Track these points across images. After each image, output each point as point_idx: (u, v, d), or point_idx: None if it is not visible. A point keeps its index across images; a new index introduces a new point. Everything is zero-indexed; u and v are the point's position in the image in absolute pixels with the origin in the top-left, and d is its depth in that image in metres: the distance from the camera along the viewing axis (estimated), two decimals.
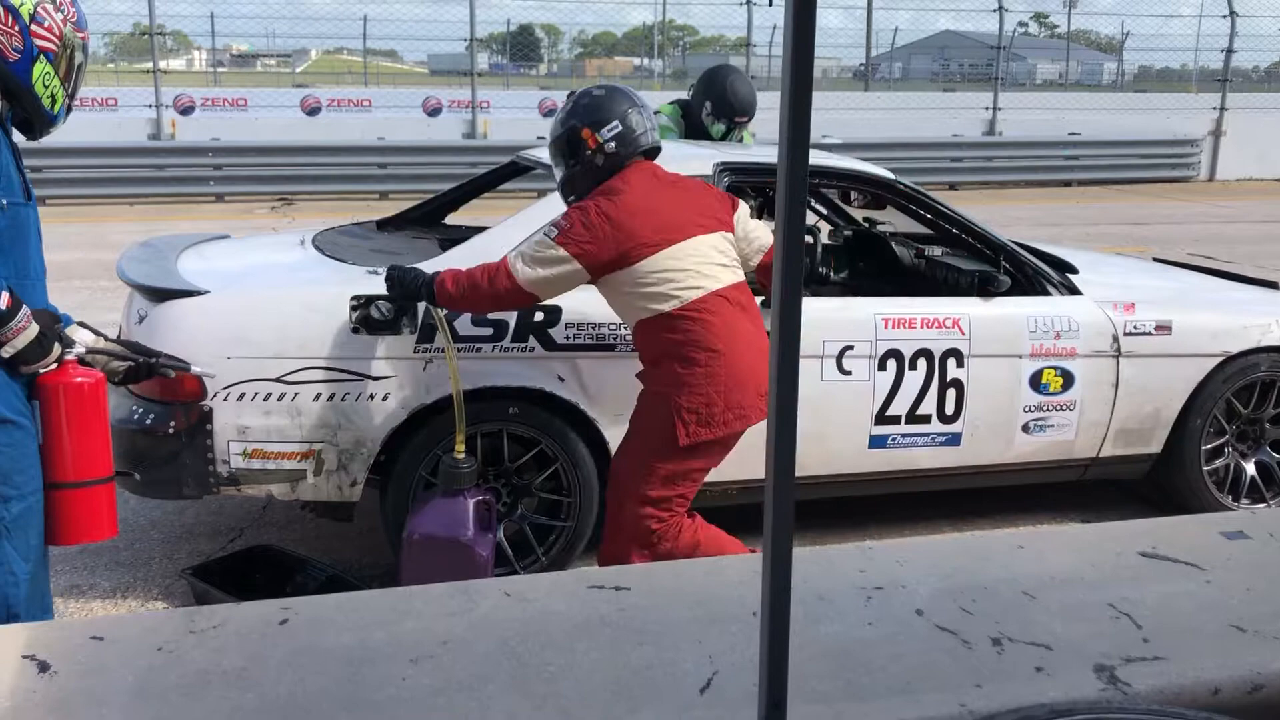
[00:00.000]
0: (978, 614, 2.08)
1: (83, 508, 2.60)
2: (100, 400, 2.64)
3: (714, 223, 3.30)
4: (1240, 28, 18.32)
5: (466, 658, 1.85)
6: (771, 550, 1.55)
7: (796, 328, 1.51)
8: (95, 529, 2.66)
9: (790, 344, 1.47)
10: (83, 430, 2.57)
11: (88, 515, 2.61)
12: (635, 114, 3.27)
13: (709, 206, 3.33)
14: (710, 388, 3.15)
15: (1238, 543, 2.44)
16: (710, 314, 3.16)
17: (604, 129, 3.21)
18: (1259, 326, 4.35)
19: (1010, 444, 4.16)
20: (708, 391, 3.15)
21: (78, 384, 2.59)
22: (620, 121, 3.22)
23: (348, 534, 4.13)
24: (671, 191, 3.28)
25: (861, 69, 30.31)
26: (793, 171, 1.49)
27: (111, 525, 2.67)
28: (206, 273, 3.79)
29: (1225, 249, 10.77)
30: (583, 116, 3.24)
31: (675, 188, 3.31)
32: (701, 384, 3.15)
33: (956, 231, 4.29)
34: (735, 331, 3.19)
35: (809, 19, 1.41)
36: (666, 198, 3.24)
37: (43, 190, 13.58)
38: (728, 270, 3.27)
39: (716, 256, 3.25)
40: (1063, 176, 17.14)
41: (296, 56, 39.42)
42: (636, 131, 3.25)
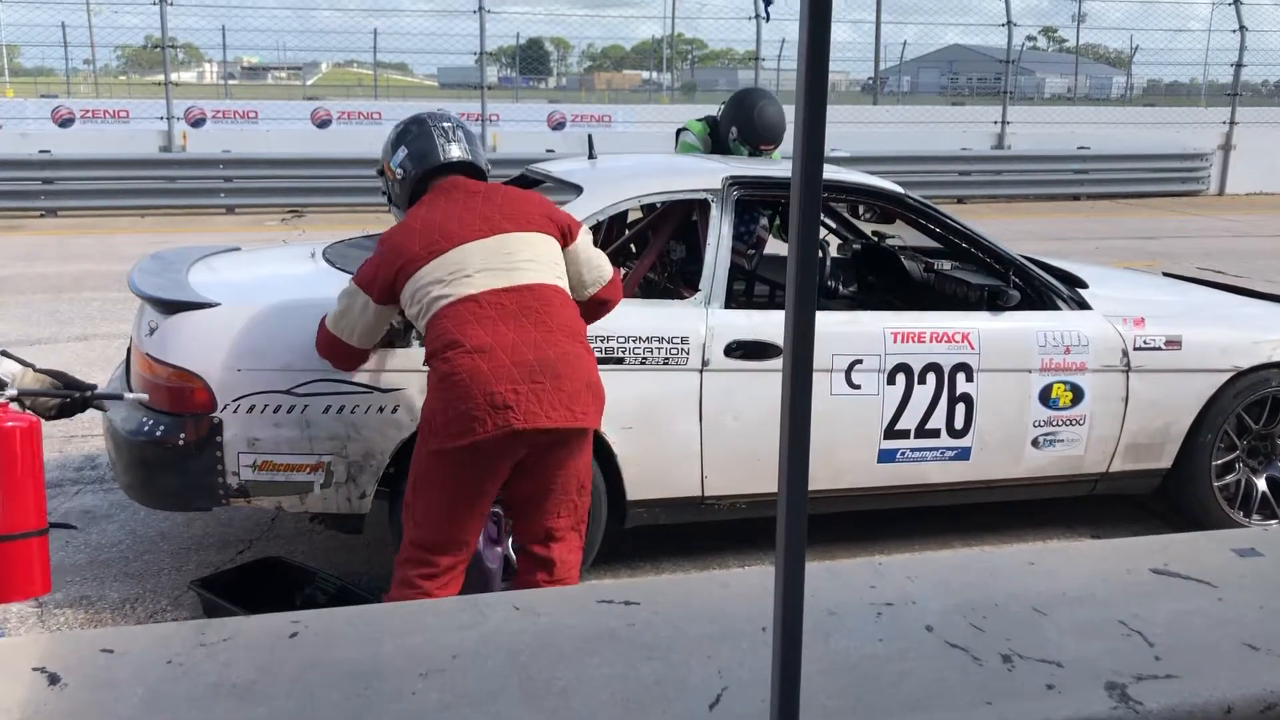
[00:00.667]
0: (988, 631, 2.07)
1: (13, 563, 2.40)
2: (34, 446, 2.44)
3: (513, 225, 3.12)
4: (1250, 42, 18.31)
5: (476, 671, 1.84)
6: (784, 566, 1.55)
7: (810, 342, 1.51)
8: (27, 586, 2.46)
9: (804, 359, 1.47)
10: (13, 480, 2.39)
11: (19, 571, 2.41)
12: (423, 137, 3.27)
13: (519, 212, 3.17)
14: (435, 397, 2.99)
15: (1250, 560, 2.43)
16: (447, 320, 3.00)
17: (394, 159, 3.31)
18: (1270, 342, 4.34)
19: (1020, 459, 4.15)
20: (432, 401, 3.01)
21: (9, 429, 2.40)
22: (406, 146, 3.28)
23: (356, 546, 4.14)
24: (468, 202, 3.15)
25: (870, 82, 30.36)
26: (807, 185, 1.49)
27: (45, 581, 2.46)
28: (217, 285, 3.80)
29: (1235, 263, 10.75)
30: (382, 153, 3.38)
31: (477, 197, 3.17)
32: (432, 391, 3.01)
33: (966, 246, 4.29)
34: (471, 338, 2.96)
35: (823, 36, 1.41)
36: (456, 209, 3.12)
37: (54, 202, 13.74)
38: (503, 274, 3.05)
39: (493, 260, 3.06)
40: (1072, 190, 17.14)
41: (307, 69, 39.60)
42: (425, 151, 3.25)
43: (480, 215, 3.12)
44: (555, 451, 3.04)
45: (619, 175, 4.40)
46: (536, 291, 3.07)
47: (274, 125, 16.40)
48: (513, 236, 3.11)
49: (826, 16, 1.49)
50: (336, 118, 17.10)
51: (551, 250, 3.17)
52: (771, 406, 3.74)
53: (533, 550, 3.17)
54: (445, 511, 3.06)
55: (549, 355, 2.97)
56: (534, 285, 3.07)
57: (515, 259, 3.08)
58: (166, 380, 3.51)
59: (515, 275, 3.06)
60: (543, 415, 2.92)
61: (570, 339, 3.05)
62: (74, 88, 26.57)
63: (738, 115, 5.04)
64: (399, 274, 3.08)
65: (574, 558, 3.21)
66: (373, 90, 28.82)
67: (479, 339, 2.95)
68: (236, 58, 34.19)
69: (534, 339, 2.99)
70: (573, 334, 3.08)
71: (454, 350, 2.96)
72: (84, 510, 4.51)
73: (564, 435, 3.01)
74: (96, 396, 2.83)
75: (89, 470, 4.96)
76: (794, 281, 1.47)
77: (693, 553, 4.20)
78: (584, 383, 3.02)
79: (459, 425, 2.92)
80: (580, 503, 3.18)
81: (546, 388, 2.93)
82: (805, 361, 1.52)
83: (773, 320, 3.88)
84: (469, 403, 2.91)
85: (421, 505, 3.09)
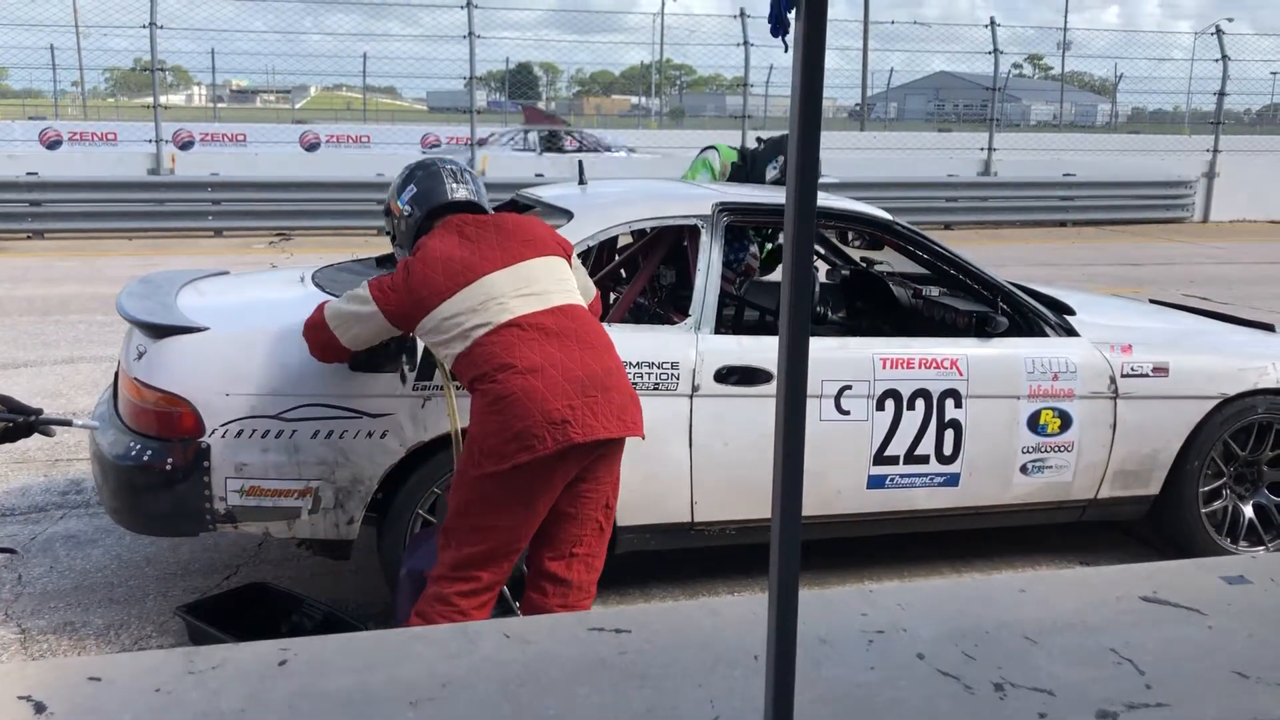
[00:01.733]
0: (980, 659, 2.08)
1: None
2: None
3: (532, 250, 3.22)
4: (1232, 71, 18.51)
5: (466, 701, 1.83)
6: (777, 596, 1.54)
7: (803, 370, 1.52)
8: None
9: (797, 387, 1.47)
10: None
11: None
12: (431, 178, 3.39)
13: (533, 237, 3.27)
14: (488, 419, 3.03)
15: (1239, 588, 2.44)
16: (494, 345, 3.07)
17: (401, 197, 3.44)
18: (1256, 369, 4.36)
19: (1008, 485, 4.16)
20: (484, 424, 3.05)
21: None
22: (415, 185, 3.41)
23: (343, 572, 4.11)
24: (481, 234, 3.23)
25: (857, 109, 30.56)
26: (800, 211, 1.50)
27: None
28: (206, 309, 3.79)
29: (1220, 290, 10.83)
30: (389, 193, 3.54)
31: (488, 228, 3.25)
32: (483, 415, 3.05)
33: (954, 272, 4.31)
34: (523, 359, 3.03)
35: (817, 67, 1.42)
36: (469, 244, 3.20)
37: (41, 224, 13.71)
38: (537, 298, 3.14)
39: (524, 286, 3.15)
40: (1058, 217, 17.27)
41: (296, 92, 39.67)
42: (432, 191, 3.37)
43: (497, 245, 3.21)
44: (597, 466, 3.14)
45: (609, 201, 4.41)
46: (570, 311, 3.20)
47: (262, 148, 16.45)
48: (535, 262, 3.21)
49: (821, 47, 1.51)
50: (325, 141, 17.17)
51: (568, 270, 3.31)
52: (762, 432, 3.75)
53: (550, 569, 3.20)
54: (496, 530, 3.09)
55: (595, 370, 3.08)
56: (566, 306, 3.20)
57: (543, 283, 3.20)
58: (154, 405, 3.49)
59: (549, 298, 3.17)
60: (600, 427, 3.03)
61: (610, 354, 3.19)
62: (62, 110, 26.58)
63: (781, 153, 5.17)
64: (419, 305, 3.14)
65: (591, 580, 3.25)
66: (361, 114, 28.90)
67: (530, 360, 3.04)
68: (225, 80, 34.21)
69: (579, 357, 3.09)
70: (610, 349, 3.20)
71: (506, 372, 3.03)
72: (69, 535, 4.48)
73: (617, 447, 3.17)
74: (41, 421, 2.77)
75: (74, 495, 4.93)
76: (788, 306, 1.48)
77: (683, 579, 4.19)
78: (629, 394, 3.17)
79: (519, 444, 2.98)
80: (605, 524, 3.26)
81: (599, 400, 3.04)
82: (799, 387, 1.52)
83: (763, 345, 3.89)
84: (527, 420, 2.97)
85: (466, 525, 3.11)
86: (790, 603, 1.59)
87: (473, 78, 16.19)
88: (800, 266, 1.51)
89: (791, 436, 1.50)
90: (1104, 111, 41.48)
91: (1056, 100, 35.81)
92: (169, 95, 21.40)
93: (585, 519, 3.19)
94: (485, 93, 30.62)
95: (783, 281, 1.53)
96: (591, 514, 3.20)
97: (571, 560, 3.20)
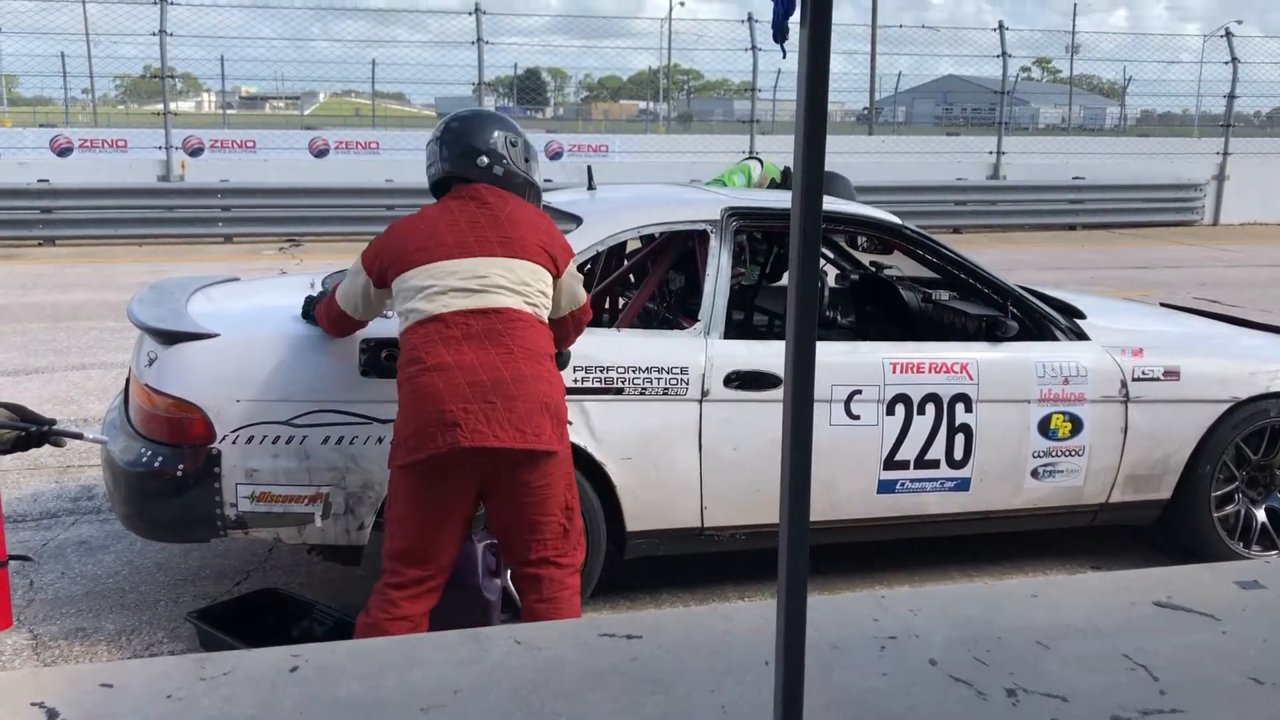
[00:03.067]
0: (992, 664, 2.07)
1: None
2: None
3: (504, 249, 3.14)
4: (1241, 74, 18.45)
5: (478, 707, 1.83)
6: (786, 601, 1.54)
7: (810, 374, 1.52)
8: None
9: (804, 390, 1.47)
10: None
11: None
12: (433, 144, 3.35)
13: (516, 236, 3.17)
14: (401, 411, 3.07)
15: (1253, 592, 2.42)
16: (416, 336, 3.08)
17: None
18: (1268, 372, 4.34)
19: (1019, 489, 4.15)
20: (399, 414, 3.08)
21: None
22: (427, 155, 3.39)
23: (353, 577, 4.11)
24: (475, 213, 3.19)
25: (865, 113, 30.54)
26: (807, 215, 1.50)
27: (5, 615, 2.36)
28: (216, 315, 3.80)
29: (1231, 293, 10.79)
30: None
31: (485, 210, 3.19)
32: (399, 406, 3.09)
33: (963, 276, 4.30)
34: (432, 356, 3.03)
35: (822, 70, 1.42)
36: (453, 220, 3.17)
37: (52, 231, 13.76)
38: (475, 295, 3.08)
39: (469, 281, 3.09)
40: (1067, 220, 17.23)
41: (305, 98, 39.78)
42: (430, 161, 3.36)
43: (476, 232, 3.17)
44: (521, 474, 3.04)
45: (618, 206, 4.41)
46: (505, 315, 3.10)
47: (272, 154, 16.46)
48: (498, 260, 3.14)
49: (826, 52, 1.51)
50: (334, 147, 17.17)
51: (535, 277, 3.18)
52: (771, 437, 3.74)
53: (524, 572, 3.17)
54: (409, 525, 3.09)
55: (504, 376, 3.00)
56: (503, 309, 3.10)
57: (490, 282, 3.12)
58: (165, 411, 3.50)
59: (487, 298, 3.10)
60: (490, 435, 2.95)
61: (530, 361, 3.07)
62: (73, 117, 26.68)
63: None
64: (389, 269, 3.18)
65: (566, 576, 3.18)
66: (370, 120, 28.96)
67: (439, 358, 3.02)
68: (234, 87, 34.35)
69: (493, 360, 3.03)
70: (534, 356, 3.09)
71: (415, 367, 3.05)
72: (80, 541, 4.49)
73: (522, 457, 3.01)
74: (54, 432, 2.73)
75: (85, 501, 4.94)
76: (795, 311, 1.47)
77: (692, 584, 4.18)
78: (539, 404, 3.02)
79: (415, 441, 2.99)
80: (569, 525, 3.17)
81: (498, 408, 2.97)
82: (806, 392, 1.52)
83: (772, 350, 3.88)
84: (423, 419, 2.98)
85: (390, 517, 3.15)
86: (799, 608, 1.58)
87: (481, 83, 16.22)
88: (806, 271, 1.51)
89: (799, 441, 1.49)
90: (1113, 114, 41.41)
91: (1065, 103, 35.78)
92: (179, 102, 21.47)
93: (541, 525, 3.11)
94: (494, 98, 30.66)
95: (789, 286, 1.53)
96: (544, 520, 3.10)
97: (541, 564, 3.14)
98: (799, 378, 1.54)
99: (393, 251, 3.18)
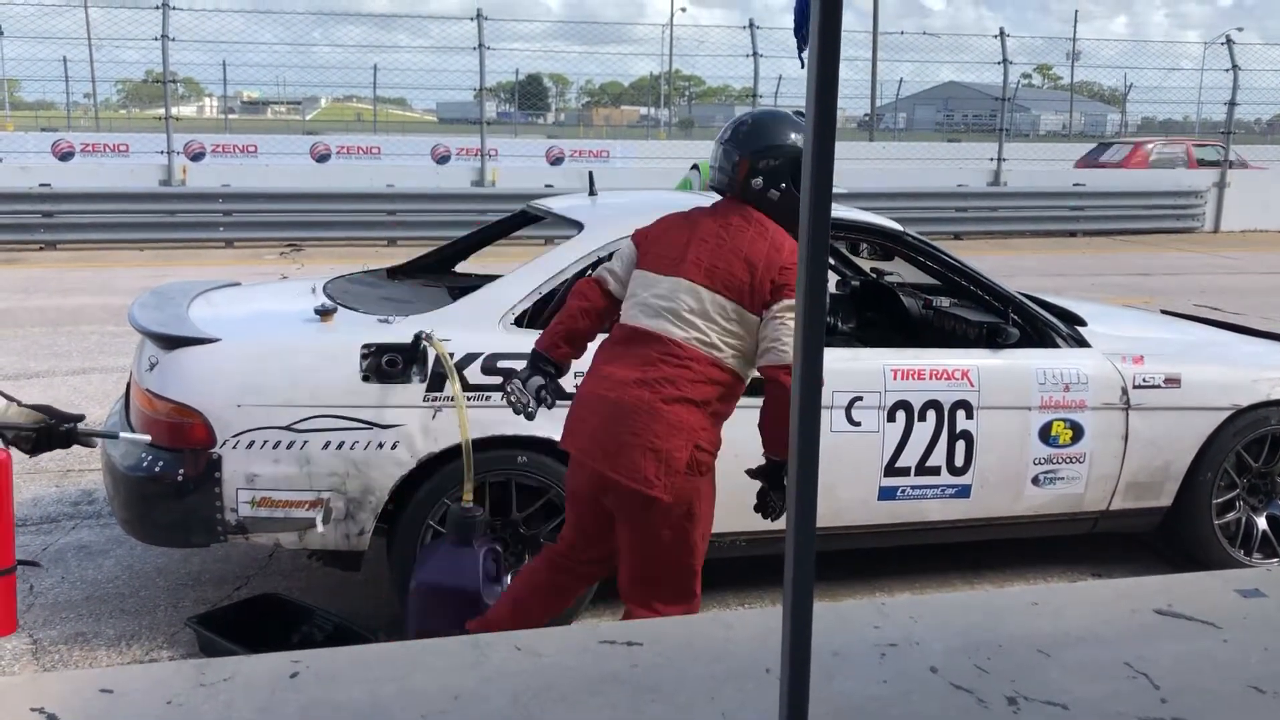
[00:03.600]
0: (993, 672, 2.06)
1: None
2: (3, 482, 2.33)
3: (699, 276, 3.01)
4: (1242, 81, 18.46)
5: (478, 713, 1.83)
6: (791, 609, 1.54)
7: (818, 381, 1.52)
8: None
9: (812, 401, 1.47)
10: None
11: None
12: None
13: (721, 265, 3.01)
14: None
15: (1254, 601, 2.42)
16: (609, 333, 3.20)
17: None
18: (1269, 380, 4.34)
19: (1020, 496, 4.14)
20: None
21: None
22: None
23: (353, 583, 4.11)
24: (703, 232, 3.09)
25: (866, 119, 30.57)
26: (815, 222, 1.50)
27: (10, 620, 2.34)
28: (218, 320, 3.80)
29: (1232, 300, 10.78)
30: None
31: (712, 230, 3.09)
32: None
33: (964, 283, 4.30)
34: (597, 359, 3.15)
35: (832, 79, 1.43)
36: (684, 234, 3.12)
37: (53, 235, 13.77)
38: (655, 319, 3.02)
39: (656, 300, 3.04)
40: (1068, 227, 17.23)
41: (306, 104, 39.82)
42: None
43: (690, 252, 3.07)
44: (615, 501, 3.00)
45: (619, 212, 4.41)
46: (663, 343, 3.00)
47: (273, 160, 16.49)
48: (684, 284, 3.03)
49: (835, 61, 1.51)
50: (336, 152, 17.21)
51: (718, 310, 3.00)
52: None
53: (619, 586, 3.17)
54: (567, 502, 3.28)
55: (625, 400, 2.95)
56: (663, 336, 3.00)
57: (670, 307, 3.02)
58: (166, 416, 3.50)
59: (656, 321, 3.03)
60: (577, 446, 3.06)
61: (659, 396, 2.93)
62: (74, 121, 26.73)
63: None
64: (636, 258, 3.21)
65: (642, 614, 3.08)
66: (372, 125, 29.00)
67: (599, 364, 3.13)
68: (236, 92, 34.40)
69: (630, 385, 2.96)
70: (668, 395, 2.94)
71: (590, 364, 3.18)
72: (80, 545, 4.49)
73: (613, 484, 2.95)
74: (83, 433, 2.73)
75: (86, 505, 4.94)
76: (802, 323, 1.47)
77: None
78: (646, 443, 2.90)
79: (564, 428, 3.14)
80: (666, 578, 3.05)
81: (609, 431, 2.96)
82: (814, 403, 1.52)
83: None
84: (569, 412, 3.14)
85: None
86: (805, 616, 1.59)
87: (483, 89, 16.24)
88: (814, 277, 1.51)
89: (805, 447, 1.50)
90: (1113, 121, 41.44)
91: (1066, 110, 35.80)
92: (180, 107, 21.50)
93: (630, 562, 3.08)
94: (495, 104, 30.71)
95: (797, 293, 1.53)
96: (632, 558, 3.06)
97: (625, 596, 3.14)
98: (806, 384, 1.54)
99: (643, 243, 3.21)
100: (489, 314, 3.78)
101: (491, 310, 3.79)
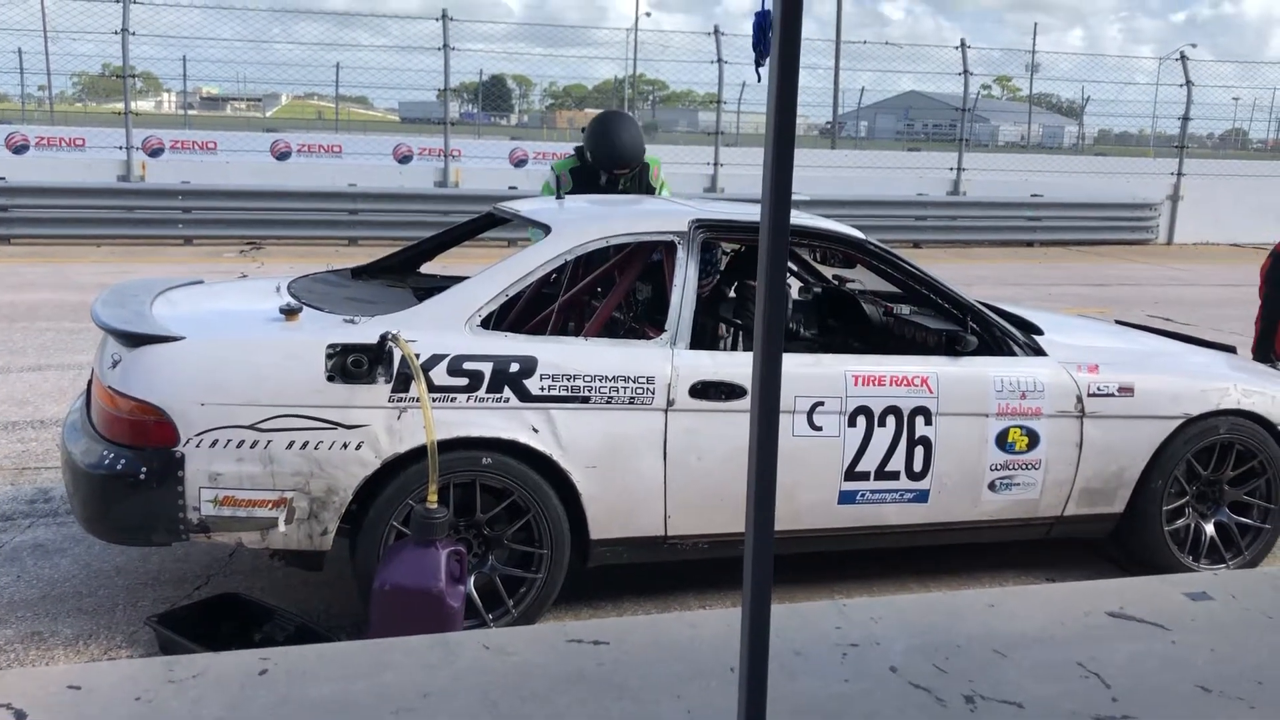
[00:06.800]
0: (951, 672, 2.11)
1: None
2: None
3: None
4: (1195, 96, 18.82)
5: (448, 710, 1.85)
6: (750, 609, 1.57)
7: (776, 385, 1.55)
8: None
9: (770, 402, 1.50)
10: None
11: None
12: None
13: None
14: None
15: (1202, 604, 2.49)
16: None
17: None
18: (1218, 390, 4.44)
19: (976, 502, 4.21)
20: None
21: None
22: None
23: (315, 583, 4.10)
24: None
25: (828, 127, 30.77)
26: (774, 230, 1.54)
27: None
28: (182, 318, 3.78)
29: (1183, 312, 10.99)
30: None
31: None
32: None
33: (925, 291, 4.37)
34: None
35: (791, 89, 1.46)
36: None
37: (9, 230, 13.56)
38: None
39: None
40: (1025, 237, 17.47)
41: (267, 100, 39.45)
42: None
43: None
44: None
45: (586, 216, 4.44)
46: None
47: (233, 157, 16.32)
48: None
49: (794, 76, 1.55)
50: (296, 150, 17.06)
51: None
52: (735, 446, 3.78)
53: None
54: None
55: None
56: None
57: None
58: (129, 413, 3.48)
59: None
60: None
61: None
62: (29, 114, 26.31)
63: (590, 139, 5.18)
64: None
65: None
66: (333, 123, 28.79)
67: None
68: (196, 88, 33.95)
69: None
70: None
71: None
72: (36, 544, 4.44)
73: None
74: None
75: (42, 503, 4.89)
76: (762, 323, 1.51)
77: (654, 592, 4.21)
78: None
79: None
80: None
81: None
82: (772, 402, 1.55)
83: (738, 361, 3.92)
84: None
85: None
86: (763, 616, 1.62)
87: (447, 89, 16.20)
88: (774, 283, 1.55)
89: (764, 451, 1.53)
90: (1071, 133, 41.99)
91: (1024, 121, 36.24)
92: (139, 101, 21.23)
93: None
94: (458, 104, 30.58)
95: (757, 298, 1.56)
96: None
97: None
98: (765, 389, 1.57)
99: None
100: (456, 315, 3.79)
101: (458, 312, 3.80)
